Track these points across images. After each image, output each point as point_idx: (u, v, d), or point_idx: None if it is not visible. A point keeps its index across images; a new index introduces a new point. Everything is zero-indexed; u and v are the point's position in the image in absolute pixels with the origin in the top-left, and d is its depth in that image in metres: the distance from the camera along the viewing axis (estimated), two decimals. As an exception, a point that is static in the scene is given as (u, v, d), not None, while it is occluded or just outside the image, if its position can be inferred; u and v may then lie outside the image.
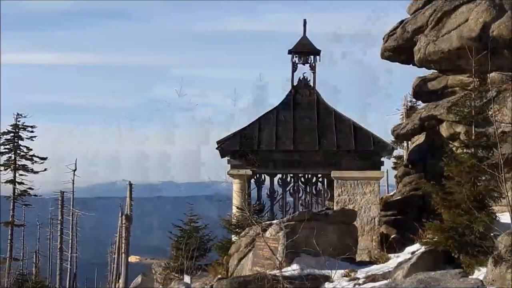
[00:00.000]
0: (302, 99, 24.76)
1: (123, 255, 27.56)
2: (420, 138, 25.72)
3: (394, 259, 16.59)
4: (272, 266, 16.34)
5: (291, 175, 24.10)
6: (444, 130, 22.34)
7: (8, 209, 44.91)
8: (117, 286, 32.50)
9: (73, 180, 46.24)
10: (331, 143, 23.42)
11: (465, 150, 15.32)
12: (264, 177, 24.19)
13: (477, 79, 16.44)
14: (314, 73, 24.97)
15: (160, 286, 22.63)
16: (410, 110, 37.70)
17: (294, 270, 16.08)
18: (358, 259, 18.56)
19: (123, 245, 28.10)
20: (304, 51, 25.00)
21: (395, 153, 34.57)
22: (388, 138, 27.90)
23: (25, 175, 44.75)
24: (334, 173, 23.13)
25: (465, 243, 14.42)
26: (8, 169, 44.36)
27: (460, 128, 20.38)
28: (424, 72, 24.79)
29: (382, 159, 23.75)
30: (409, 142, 31.49)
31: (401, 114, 40.54)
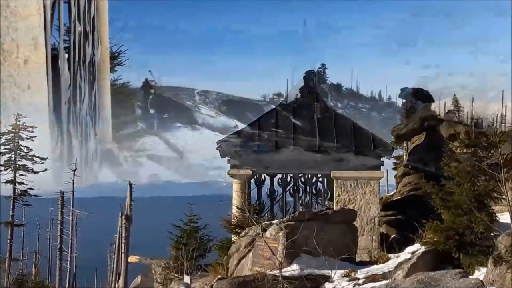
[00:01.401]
0: (303, 99, 24.75)
1: (123, 255, 27.52)
2: (420, 138, 25.73)
3: (394, 259, 16.58)
4: (272, 266, 16.31)
5: (291, 175, 24.09)
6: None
7: (8, 209, 44.90)
8: (116, 286, 32.45)
9: (73, 180, 46.17)
10: (331, 143, 23.42)
11: (465, 150, 15.32)
12: (264, 177, 24.19)
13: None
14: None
15: (160, 286, 22.58)
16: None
17: (294, 270, 16.06)
18: (358, 259, 18.55)
19: (123, 245, 28.05)
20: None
21: (395, 153, 34.54)
22: (388, 138, 27.89)
23: (25, 175, 44.77)
24: (334, 173, 23.13)
25: (465, 243, 14.44)
26: (9, 169, 44.36)
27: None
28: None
29: (382, 159, 23.76)
30: (409, 142, 31.47)
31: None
